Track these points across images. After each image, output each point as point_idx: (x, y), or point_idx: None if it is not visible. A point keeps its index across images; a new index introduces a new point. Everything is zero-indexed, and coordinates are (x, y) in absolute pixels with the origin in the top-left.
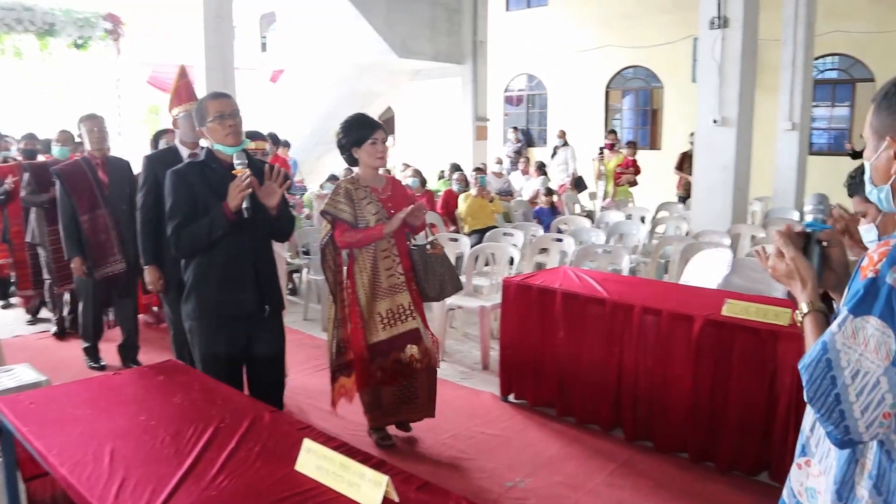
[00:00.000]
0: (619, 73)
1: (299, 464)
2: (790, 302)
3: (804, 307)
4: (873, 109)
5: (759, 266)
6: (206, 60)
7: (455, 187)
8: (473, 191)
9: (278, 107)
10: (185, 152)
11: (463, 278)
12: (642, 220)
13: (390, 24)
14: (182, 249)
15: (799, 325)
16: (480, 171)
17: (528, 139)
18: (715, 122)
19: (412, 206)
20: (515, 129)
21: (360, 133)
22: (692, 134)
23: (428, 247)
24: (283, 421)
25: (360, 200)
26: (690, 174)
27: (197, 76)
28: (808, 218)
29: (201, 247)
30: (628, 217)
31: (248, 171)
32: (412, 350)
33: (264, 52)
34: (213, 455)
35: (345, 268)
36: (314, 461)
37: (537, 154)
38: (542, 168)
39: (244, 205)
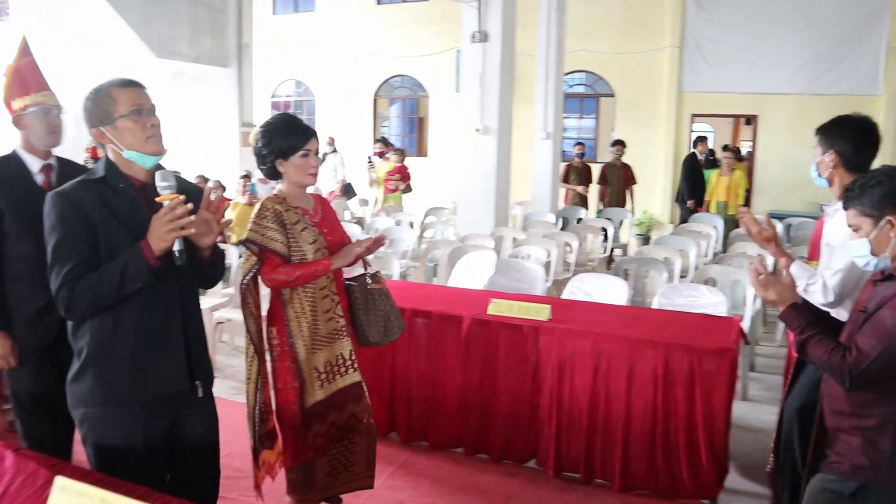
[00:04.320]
0: (386, 81)
1: None
2: (548, 298)
3: None
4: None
5: (521, 266)
6: None
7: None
8: (242, 199)
9: None
10: (35, 165)
11: (231, 290)
12: (411, 225)
13: (147, 21)
14: (76, 309)
15: None
16: (247, 177)
17: None
18: (477, 130)
19: (372, 239)
20: None
21: (287, 141)
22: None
23: (369, 280)
24: (29, 458)
25: (294, 226)
26: (578, 185)
27: None
28: None
29: (107, 304)
30: (398, 223)
31: (181, 198)
32: (354, 408)
33: None
34: None
35: (264, 313)
36: (69, 500)
37: None
38: None
39: (176, 247)
